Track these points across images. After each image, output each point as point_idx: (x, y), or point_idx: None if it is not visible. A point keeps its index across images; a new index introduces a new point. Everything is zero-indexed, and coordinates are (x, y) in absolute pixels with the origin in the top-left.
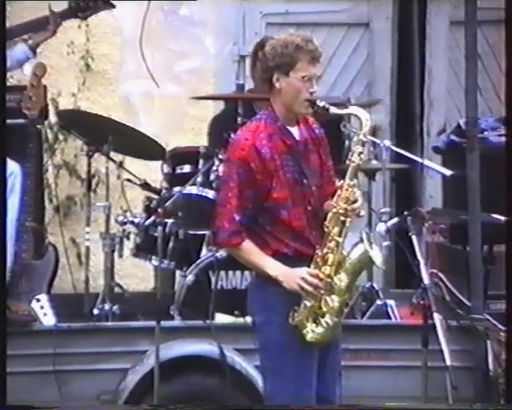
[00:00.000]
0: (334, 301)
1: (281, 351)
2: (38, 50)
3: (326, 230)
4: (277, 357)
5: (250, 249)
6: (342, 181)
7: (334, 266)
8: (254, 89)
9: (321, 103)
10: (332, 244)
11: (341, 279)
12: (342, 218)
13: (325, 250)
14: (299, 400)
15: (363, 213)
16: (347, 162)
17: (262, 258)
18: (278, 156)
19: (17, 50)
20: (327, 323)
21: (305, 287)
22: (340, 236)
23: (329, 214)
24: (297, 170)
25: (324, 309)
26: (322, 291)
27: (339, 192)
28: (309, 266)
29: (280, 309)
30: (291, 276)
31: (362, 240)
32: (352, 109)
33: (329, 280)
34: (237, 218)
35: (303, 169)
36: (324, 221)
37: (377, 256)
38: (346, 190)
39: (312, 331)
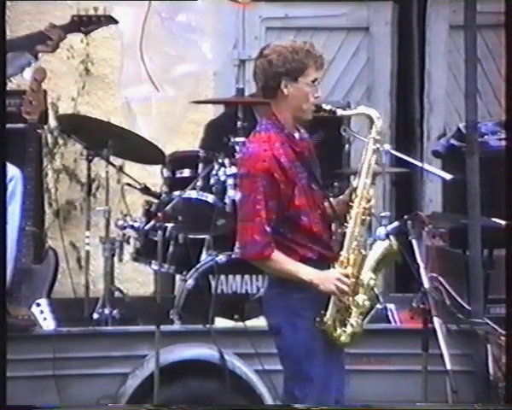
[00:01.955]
0: (364, 299)
1: (308, 356)
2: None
3: (348, 231)
4: (305, 362)
5: (281, 258)
6: (358, 181)
7: (357, 266)
8: (257, 93)
9: (327, 107)
10: (354, 244)
11: (367, 277)
12: (363, 217)
13: (349, 251)
14: (324, 403)
15: (373, 210)
16: (362, 161)
17: (293, 265)
18: (292, 164)
19: (19, 56)
20: (357, 322)
21: (341, 287)
22: (361, 235)
23: (352, 215)
24: (306, 176)
25: (354, 309)
26: (351, 291)
27: (358, 192)
28: (329, 268)
29: (306, 315)
30: (327, 278)
31: (387, 236)
32: (361, 109)
33: (354, 280)
34: (268, 229)
35: (311, 174)
36: (332, 222)
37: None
38: (365, 188)
39: (344, 332)
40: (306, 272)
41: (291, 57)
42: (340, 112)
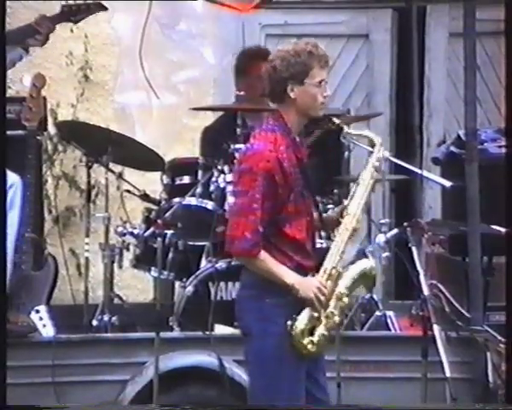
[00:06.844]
0: (334, 314)
1: (277, 362)
2: (37, 61)
3: (333, 246)
4: (273, 367)
5: (267, 258)
6: (351, 201)
7: (335, 280)
8: (237, 101)
9: (336, 121)
10: (337, 260)
11: (341, 292)
12: (349, 234)
13: (332, 265)
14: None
15: (358, 225)
16: (358, 182)
17: (278, 267)
18: (293, 170)
19: (10, 51)
20: (323, 334)
21: (319, 296)
22: (343, 251)
23: (340, 232)
24: (302, 182)
25: (324, 320)
26: (327, 303)
27: (350, 212)
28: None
29: (277, 321)
30: (307, 284)
31: (365, 255)
32: (366, 132)
33: (331, 293)
34: (261, 229)
35: (306, 181)
36: (318, 231)
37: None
38: (358, 209)
39: (312, 343)
40: (289, 276)
41: (294, 61)
42: (346, 129)
